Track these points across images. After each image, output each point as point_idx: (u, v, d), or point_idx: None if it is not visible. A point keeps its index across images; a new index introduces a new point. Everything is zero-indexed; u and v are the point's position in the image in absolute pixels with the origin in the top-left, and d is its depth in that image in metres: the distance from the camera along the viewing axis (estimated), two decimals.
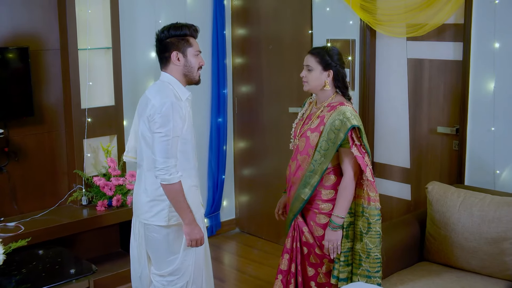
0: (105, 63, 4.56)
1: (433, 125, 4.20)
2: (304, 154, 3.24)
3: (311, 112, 3.34)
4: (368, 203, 3.15)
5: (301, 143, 3.28)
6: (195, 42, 3.19)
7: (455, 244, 3.54)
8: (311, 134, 3.23)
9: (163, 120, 3.00)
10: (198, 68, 3.18)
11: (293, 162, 3.32)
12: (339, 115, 3.13)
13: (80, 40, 4.35)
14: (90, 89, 4.44)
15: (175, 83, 3.16)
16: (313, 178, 3.19)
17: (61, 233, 4.16)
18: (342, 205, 3.15)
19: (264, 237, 5.48)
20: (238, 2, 5.33)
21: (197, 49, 3.18)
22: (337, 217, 3.16)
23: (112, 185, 4.41)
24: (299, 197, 3.25)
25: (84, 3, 4.38)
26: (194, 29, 3.19)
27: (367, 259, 3.18)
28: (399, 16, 4.13)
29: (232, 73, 5.49)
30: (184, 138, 3.13)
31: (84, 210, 4.41)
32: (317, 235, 3.28)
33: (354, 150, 3.11)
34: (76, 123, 4.39)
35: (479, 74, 3.84)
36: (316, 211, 3.26)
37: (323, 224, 3.25)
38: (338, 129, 3.11)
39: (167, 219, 3.17)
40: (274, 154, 5.29)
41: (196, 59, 3.17)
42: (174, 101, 3.04)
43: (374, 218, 3.16)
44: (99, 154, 4.62)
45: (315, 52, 3.25)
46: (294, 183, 3.29)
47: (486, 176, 3.87)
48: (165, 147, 3.01)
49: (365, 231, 3.17)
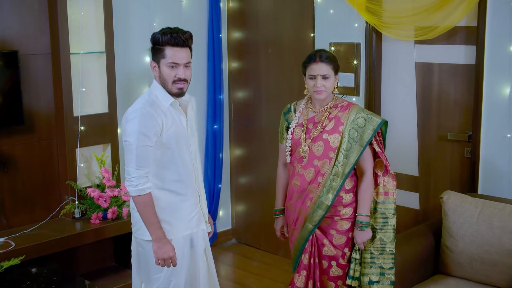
0: (98, 68, 4.34)
1: (443, 132, 4.04)
2: (324, 158, 3.12)
3: (309, 117, 3.22)
4: (385, 197, 3.21)
5: (318, 147, 3.14)
6: (174, 52, 2.87)
7: (474, 256, 3.38)
8: (330, 136, 3.12)
9: (129, 127, 2.85)
10: (173, 81, 2.89)
11: (308, 170, 3.15)
12: (359, 113, 3.13)
13: (72, 44, 4.12)
14: (83, 96, 4.21)
15: (158, 90, 2.95)
16: (336, 181, 3.10)
17: (54, 248, 3.92)
18: (367, 204, 3.16)
19: (263, 248, 5.28)
20: (235, 4, 5.14)
21: (171, 61, 2.86)
22: (363, 216, 3.14)
23: (107, 197, 4.18)
24: (322, 204, 3.11)
25: (76, 5, 4.16)
26: (175, 37, 2.85)
27: (380, 255, 3.20)
28: (407, 18, 3.98)
29: (228, 78, 5.30)
30: (163, 147, 2.90)
31: (77, 224, 4.17)
32: (339, 244, 3.17)
33: (375, 146, 3.13)
34: (69, 131, 4.16)
35: (493, 78, 3.69)
36: (337, 218, 3.17)
37: (345, 231, 3.18)
38: (362, 126, 3.09)
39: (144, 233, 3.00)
40: (273, 161, 5.06)
41: (170, 71, 2.89)
42: (146, 109, 2.86)
43: (391, 212, 3.21)
44: (92, 163, 4.39)
45: (326, 59, 3.13)
46: (311, 191, 3.14)
47: (501, 185, 3.73)
48: (130, 156, 2.85)
49: (379, 227, 3.20)
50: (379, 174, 3.21)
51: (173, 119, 2.94)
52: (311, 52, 3.21)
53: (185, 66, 2.91)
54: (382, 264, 3.18)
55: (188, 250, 3.03)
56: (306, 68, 3.14)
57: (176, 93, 2.93)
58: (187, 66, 2.92)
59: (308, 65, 3.13)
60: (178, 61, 2.88)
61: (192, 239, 3.04)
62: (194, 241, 3.04)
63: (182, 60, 2.89)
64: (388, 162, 3.19)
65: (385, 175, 3.21)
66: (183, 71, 2.90)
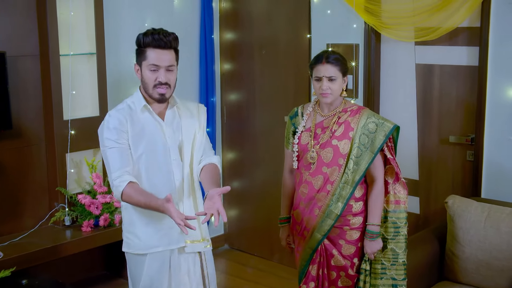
0: (88, 70, 4.20)
1: (444, 135, 3.96)
2: (334, 165, 2.99)
3: (317, 121, 3.08)
4: (396, 206, 3.06)
5: (326, 154, 3.01)
6: (156, 54, 2.68)
7: (481, 263, 3.30)
8: (340, 142, 2.98)
9: (99, 136, 2.75)
10: (154, 85, 2.70)
11: (316, 177, 3.03)
12: (370, 117, 3.00)
13: (61, 45, 3.98)
14: (73, 99, 4.06)
15: (135, 95, 2.81)
16: (345, 189, 2.97)
17: (44, 258, 3.76)
18: (377, 213, 3.02)
19: (257, 254, 5.16)
20: (227, 4, 5.02)
21: (151, 63, 2.67)
22: (374, 226, 3.01)
23: (98, 203, 4.03)
24: (331, 213, 2.99)
25: (66, 5, 4.01)
26: (157, 38, 2.66)
27: (393, 266, 3.08)
28: (407, 19, 3.89)
29: (221, 80, 5.17)
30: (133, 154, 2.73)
31: (68, 232, 4.02)
32: (348, 254, 3.05)
33: (386, 152, 3.02)
34: (58, 136, 4.01)
35: (497, 80, 3.62)
36: (347, 227, 3.04)
37: (355, 240, 3.05)
38: (373, 132, 2.96)
39: (124, 245, 2.86)
40: (266, 165, 4.99)
41: (151, 74, 2.69)
42: (113, 112, 2.75)
43: (403, 222, 3.07)
44: (83, 169, 4.24)
45: (333, 60, 2.98)
46: (320, 199, 3.02)
47: (505, 188, 3.65)
48: (106, 162, 2.72)
49: (391, 237, 3.07)
50: (389, 181, 3.08)
51: (144, 125, 2.75)
52: (318, 53, 3.08)
53: (168, 70, 2.71)
54: (395, 276, 3.06)
55: (166, 270, 2.81)
56: (313, 69, 3.01)
57: (157, 99, 2.73)
58: (169, 70, 2.71)
59: (314, 66, 3.00)
60: (159, 63, 2.68)
61: (170, 258, 2.82)
62: (172, 260, 2.83)
63: (163, 63, 2.68)
64: (400, 170, 3.08)
65: (396, 183, 3.07)
66: (164, 75, 2.69)
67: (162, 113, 2.82)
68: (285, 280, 4.68)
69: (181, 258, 2.84)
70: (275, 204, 4.96)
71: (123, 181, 2.64)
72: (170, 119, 2.83)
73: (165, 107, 2.84)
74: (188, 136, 2.85)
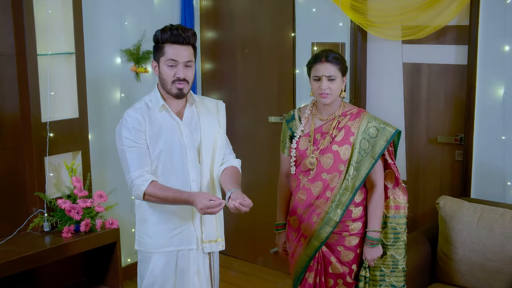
0: (67, 70, 4.04)
1: (433, 135, 3.92)
2: (334, 171, 2.89)
3: (316, 126, 2.98)
4: (395, 211, 2.98)
5: (327, 160, 2.90)
6: (174, 49, 2.66)
7: (475, 264, 3.26)
8: (340, 148, 2.89)
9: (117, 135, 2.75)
10: (173, 81, 2.68)
11: (315, 184, 2.93)
12: (371, 121, 2.90)
13: (39, 44, 3.81)
14: (51, 100, 3.91)
15: (153, 94, 2.79)
16: (345, 195, 2.88)
17: (23, 266, 3.61)
18: (378, 219, 2.94)
19: (241, 257, 5.06)
20: (208, 3, 4.90)
21: (170, 58, 2.66)
22: (374, 232, 2.92)
23: (79, 208, 3.89)
24: (330, 220, 2.89)
25: (43, 2, 3.85)
26: (175, 34, 2.65)
27: (392, 272, 3.00)
28: (394, 17, 3.83)
29: (201, 80, 5.06)
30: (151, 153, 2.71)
31: (47, 238, 3.87)
32: (347, 261, 2.96)
33: (387, 157, 2.94)
34: (36, 138, 3.84)
35: (486, 79, 3.58)
36: (346, 233, 2.94)
37: (354, 246, 2.96)
38: (374, 136, 2.87)
39: (136, 243, 2.86)
40: (249, 167, 4.85)
41: (169, 70, 2.68)
42: (131, 112, 2.73)
43: (402, 227, 2.99)
44: (61, 173, 4.09)
45: (333, 59, 2.89)
46: (319, 206, 2.92)
47: (495, 188, 3.62)
48: (124, 162, 2.71)
49: (390, 243, 2.99)
50: (389, 186, 2.99)
51: (162, 124, 2.72)
52: (316, 52, 2.98)
53: (186, 66, 2.68)
54: (394, 282, 2.98)
55: (172, 270, 2.78)
56: (311, 68, 2.91)
57: (176, 94, 2.71)
58: (188, 66, 2.69)
59: (313, 65, 2.90)
60: (177, 59, 2.66)
61: (177, 258, 2.79)
62: (179, 260, 2.79)
63: (182, 58, 2.67)
64: (399, 174, 3.00)
65: (396, 188, 2.99)
66: (183, 70, 2.68)
67: (181, 112, 2.78)
68: (270, 283, 4.60)
69: (191, 259, 2.80)
70: (259, 206, 4.86)
71: (146, 180, 2.64)
72: (188, 119, 2.79)
73: (183, 105, 2.79)
74: (207, 136, 2.81)
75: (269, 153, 4.70)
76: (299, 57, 4.37)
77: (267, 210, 4.74)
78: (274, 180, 4.66)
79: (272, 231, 3.24)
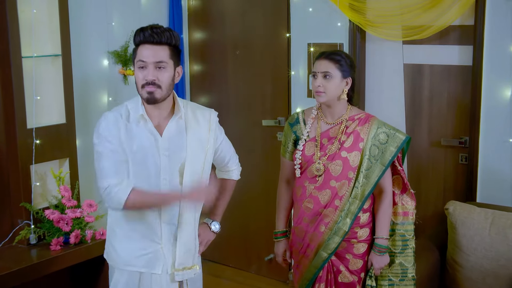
0: (53, 73, 3.82)
1: (435, 137, 3.82)
2: (343, 179, 2.75)
3: (322, 130, 2.84)
4: (404, 218, 2.93)
5: (335, 167, 2.76)
6: (144, 49, 2.41)
7: (488, 272, 3.16)
8: (350, 154, 2.75)
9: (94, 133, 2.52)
10: (142, 85, 2.41)
11: (323, 192, 2.79)
12: (381, 127, 2.77)
13: (23, 46, 3.59)
14: (37, 105, 3.68)
15: (137, 97, 2.53)
16: (354, 204, 2.75)
17: (10, 283, 3.38)
18: (386, 226, 2.85)
19: (232, 265, 4.90)
20: (196, 2, 4.73)
21: (138, 59, 2.41)
22: (382, 239, 2.82)
23: (68, 219, 3.68)
24: (339, 230, 2.76)
25: (28, 2, 3.62)
26: (146, 34, 2.40)
27: (401, 281, 2.90)
28: (395, 17, 3.73)
29: (190, 83, 4.88)
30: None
31: (34, 251, 3.63)
32: (355, 269, 2.84)
33: (397, 163, 2.86)
34: (22, 146, 3.60)
35: (493, 80, 3.49)
36: (354, 240, 2.82)
37: (362, 254, 2.85)
38: (384, 143, 2.75)
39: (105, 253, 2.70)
40: (242, 172, 4.57)
41: (139, 72, 2.41)
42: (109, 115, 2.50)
43: (411, 234, 2.93)
44: (48, 181, 3.86)
45: (332, 57, 2.75)
46: (327, 215, 2.78)
47: (502, 192, 3.53)
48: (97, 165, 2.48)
49: (399, 250, 2.91)
50: (396, 192, 2.90)
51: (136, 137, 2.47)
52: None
53: (158, 67, 2.40)
54: None
55: None
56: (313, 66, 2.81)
57: (146, 99, 2.42)
58: (160, 67, 2.40)
59: (314, 62, 2.78)
60: (145, 59, 2.39)
61: (140, 279, 2.56)
62: (142, 283, 2.56)
63: (150, 58, 2.39)
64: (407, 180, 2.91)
65: (403, 194, 2.91)
66: (153, 72, 2.39)
67: (162, 125, 2.51)
68: None
69: (153, 284, 2.56)
70: (250, 212, 4.74)
71: (127, 187, 2.40)
72: (171, 133, 2.51)
73: (166, 116, 2.52)
74: (194, 155, 2.53)
75: (262, 157, 4.55)
76: (295, 59, 4.23)
77: (261, 216, 4.61)
78: (268, 185, 4.54)
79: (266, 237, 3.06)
